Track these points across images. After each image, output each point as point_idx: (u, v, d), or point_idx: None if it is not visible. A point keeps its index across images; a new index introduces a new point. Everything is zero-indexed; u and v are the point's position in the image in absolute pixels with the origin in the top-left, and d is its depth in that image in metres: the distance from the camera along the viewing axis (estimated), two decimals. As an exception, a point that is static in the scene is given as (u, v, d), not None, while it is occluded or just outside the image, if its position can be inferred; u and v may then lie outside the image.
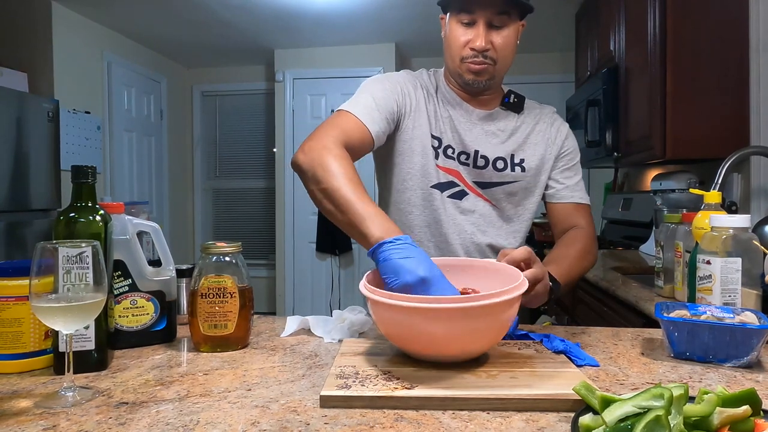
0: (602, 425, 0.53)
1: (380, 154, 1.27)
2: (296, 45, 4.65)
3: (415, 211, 1.24)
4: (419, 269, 0.79)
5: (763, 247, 0.98)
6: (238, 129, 5.39)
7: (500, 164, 1.24)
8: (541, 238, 2.92)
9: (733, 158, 1.60)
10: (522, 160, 1.26)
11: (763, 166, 1.92)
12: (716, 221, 1.00)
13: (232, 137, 5.41)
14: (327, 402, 0.66)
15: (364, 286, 0.81)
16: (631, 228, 2.85)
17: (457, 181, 1.24)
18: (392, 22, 4.01)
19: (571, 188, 1.29)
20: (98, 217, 0.82)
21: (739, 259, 0.96)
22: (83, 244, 0.70)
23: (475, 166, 1.23)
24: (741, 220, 0.97)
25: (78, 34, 3.84)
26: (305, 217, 4.73)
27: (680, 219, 1.34)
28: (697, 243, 1.09)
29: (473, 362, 0.78)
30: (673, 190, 2.46)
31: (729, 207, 2.01)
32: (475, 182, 1.25)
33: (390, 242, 0.84)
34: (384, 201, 1.31)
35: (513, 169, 1.25)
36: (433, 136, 1.22)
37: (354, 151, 1.07)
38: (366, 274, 0.86)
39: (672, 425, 0.49)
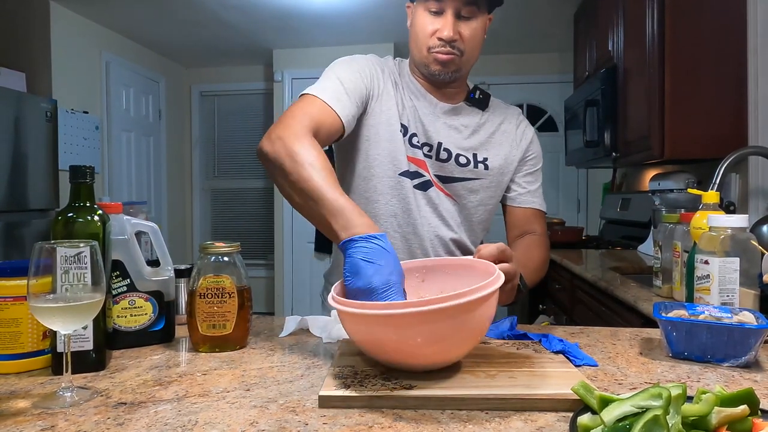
0: (600, 425, 0.53)
1: (344, 139, 1.20)
2: (295, 45, 4.65)
3: (382, 199, 1.19)
4: (374, 278, 0.74)
5: (761, 247, 0.98)
6: (237, 129, 5.39)
7: (463, 160, 1.21)
8: None
9: (731, 158, 1.60)
10: (485, 159, 1.23)
11: (761, 166, 1.92)
12: (714, 221, 1.00)
13: (231, 137, 5.41)
14: (326, 402, 0.66)
15: (331, 297, 0.76)
16: (629, 228, 2.86)
17: (422, 171, 1.20)
18: (391, 22, 4.00)
19: (532, 193, 1.28)
20: (96, 217, 0.82)
21: (737, 259, 0.96)
22: (81, 245, 0.70)
23: (438, 158, 1.20)
24: (739, 220, 0.97)
25: (76, 34, 3.83)
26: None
27: (678, 219, 1.34)
28: (695, 243, 1.09)
29: (472, 362, 0.78)
30: (672, 190, 2.46)
31: (727, 207, 2.02)
32: (437, 176, 1.21)
33: (361, 239, 0.78)
34: (346, 190, 1.22)
35: (476, 166, 1.22)
36: (400, 124, 1.19)
37: (324, 139, 1.02)
38: (337, 283, 0.81)
39: (670, 425, 0.49)
